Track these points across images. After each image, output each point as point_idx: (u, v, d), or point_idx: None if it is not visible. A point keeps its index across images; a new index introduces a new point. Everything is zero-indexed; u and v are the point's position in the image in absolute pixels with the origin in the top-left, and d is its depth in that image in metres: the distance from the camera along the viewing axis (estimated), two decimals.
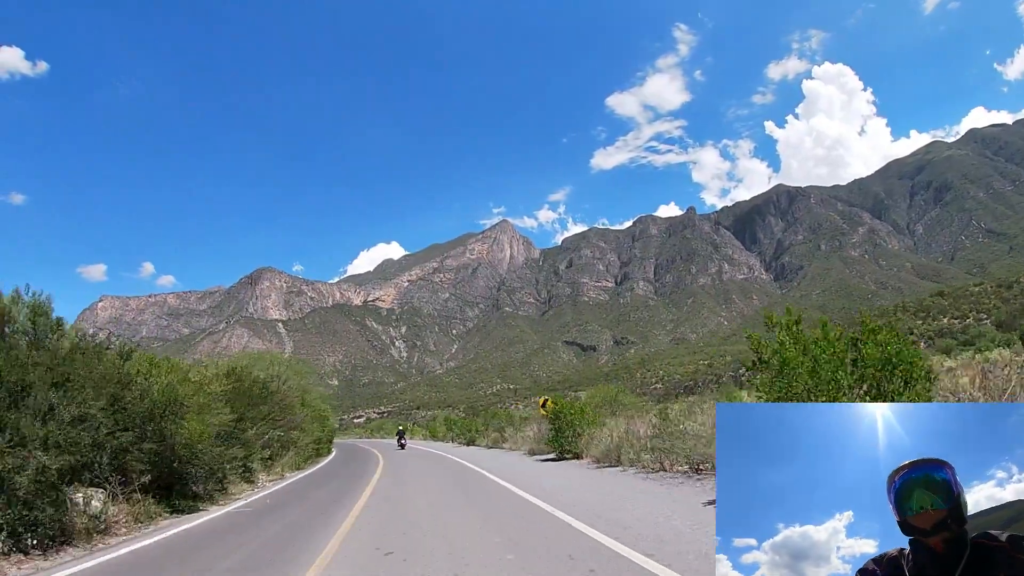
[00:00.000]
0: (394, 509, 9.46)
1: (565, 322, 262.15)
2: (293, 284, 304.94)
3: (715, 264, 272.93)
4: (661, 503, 7.84)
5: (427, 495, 11.10)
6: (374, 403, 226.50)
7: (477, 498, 10.36)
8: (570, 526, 6.63)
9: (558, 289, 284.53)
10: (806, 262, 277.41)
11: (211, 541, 7.49)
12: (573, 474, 12.79)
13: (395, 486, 13.20)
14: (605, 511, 7.45)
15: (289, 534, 7.56)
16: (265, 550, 6.68)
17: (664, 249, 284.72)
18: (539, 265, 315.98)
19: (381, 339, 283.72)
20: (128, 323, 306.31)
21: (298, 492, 13.50)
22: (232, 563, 6.06)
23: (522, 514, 7.94)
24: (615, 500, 8.48)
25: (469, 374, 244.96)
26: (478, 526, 7.32)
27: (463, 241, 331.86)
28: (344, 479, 16.38)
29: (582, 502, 8.38)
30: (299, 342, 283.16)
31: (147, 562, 6.40)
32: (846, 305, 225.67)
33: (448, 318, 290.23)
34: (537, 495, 9.51)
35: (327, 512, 9.36)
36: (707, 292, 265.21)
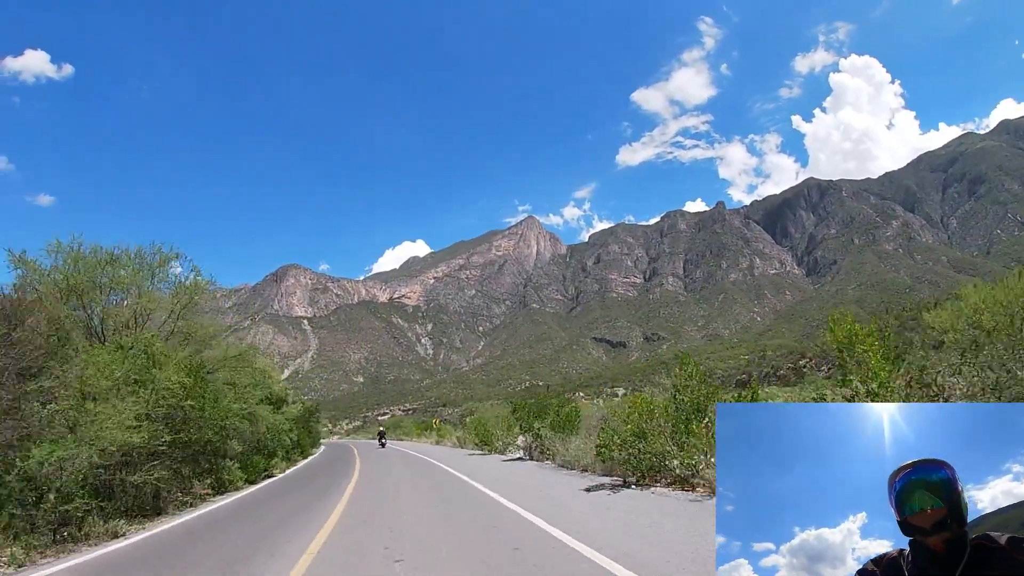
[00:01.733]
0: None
1: (593, 318, 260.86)
2: (318, 281, 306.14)
3: (746, 259, 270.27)
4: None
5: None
6: (399, 400, 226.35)
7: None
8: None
9: (586, 285, 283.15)
10: (839, 256, 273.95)
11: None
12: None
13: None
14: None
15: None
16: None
17: (693, 244, 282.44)
18: (566, 261, 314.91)
19: (407, 336, 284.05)
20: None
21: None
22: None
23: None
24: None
25: (496, 371, 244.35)
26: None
27: (489, 238, 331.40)
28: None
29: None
30: (324, 339, 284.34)
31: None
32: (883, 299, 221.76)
33: (474, 315, 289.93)
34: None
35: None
36: (738, 287, 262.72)
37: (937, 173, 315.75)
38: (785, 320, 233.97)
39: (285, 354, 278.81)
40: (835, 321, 9.51)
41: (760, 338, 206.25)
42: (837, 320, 9.47)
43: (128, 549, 7.93)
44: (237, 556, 6.85)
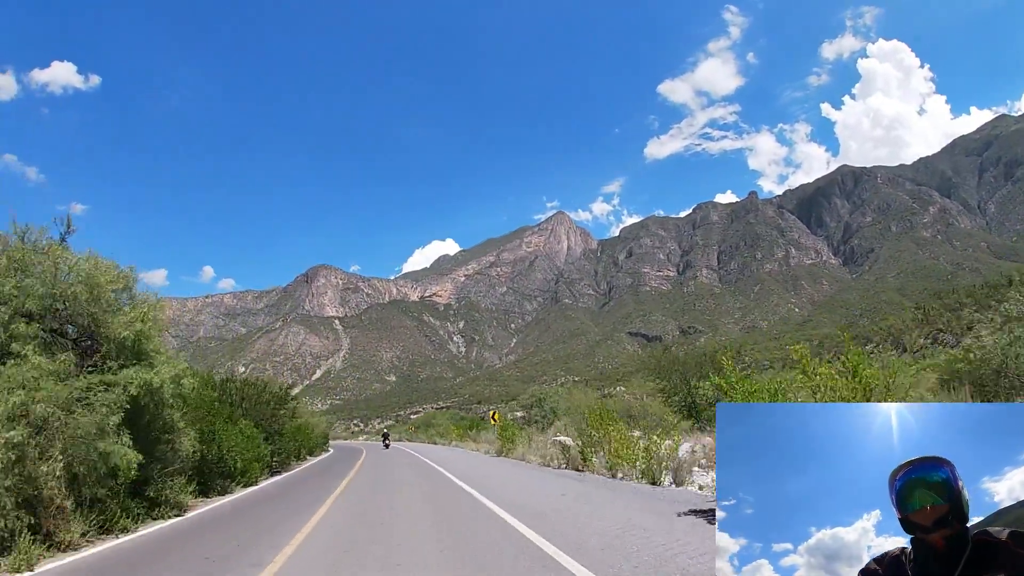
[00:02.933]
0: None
1: (627, 312, 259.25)
2: (349, 281, 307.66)
3: (781, 249, 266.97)
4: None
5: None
6: (432, 398, 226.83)
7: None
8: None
9: (618, 280, 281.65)
10: (876, 244, 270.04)
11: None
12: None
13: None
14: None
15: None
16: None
17: (727, 236, 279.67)
18: (597, 256, 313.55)
19: (439, 334, 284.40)
20: (186, 324, 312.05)
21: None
22: None
23: None
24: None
25: (530, 367, 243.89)
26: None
27: (519, 234, 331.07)
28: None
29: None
30: (356, 339, 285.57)
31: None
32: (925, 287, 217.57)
33: (506, 312, 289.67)
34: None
35: None
36: (774, 278, 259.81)
37: (972, 157, 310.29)
38: (826, 310, 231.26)
39: (317, 354, 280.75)
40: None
41: (801, 328, 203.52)
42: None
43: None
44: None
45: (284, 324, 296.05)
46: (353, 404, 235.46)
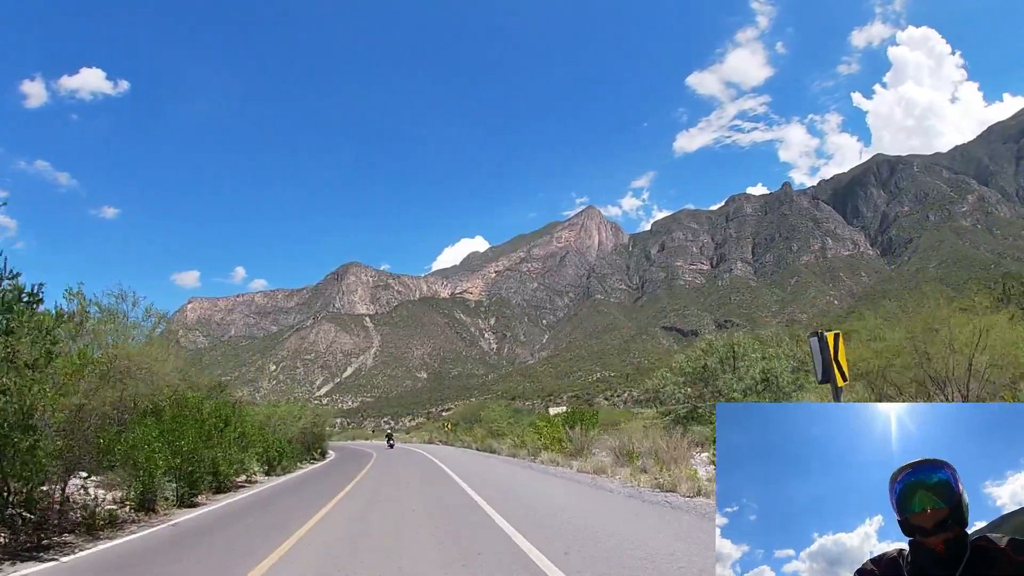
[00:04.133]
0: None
1: (661, 307, 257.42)
2: (379, 278, 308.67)
3: (817, 240, 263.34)
4: None
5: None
6: (464, 395, 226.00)
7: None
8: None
9: (651, 274, 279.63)
10: (915, 234, 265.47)
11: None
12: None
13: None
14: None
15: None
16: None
17: (761, 228, 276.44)
18: (629, 251, 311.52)
19: (470, 331, 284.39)
20: (217, 323, 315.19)
21: None
22: None
23: None
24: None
25: (564, 363, 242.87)
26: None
27: (549, 230, 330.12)
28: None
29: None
30: (387, 336, 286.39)
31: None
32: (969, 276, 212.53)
33: (537, 308, 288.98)
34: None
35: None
36: (811, 270, 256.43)
37: (1010, 144, 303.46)
38: (868, 301, 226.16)
39: (348, 352, 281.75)
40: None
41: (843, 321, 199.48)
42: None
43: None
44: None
45: (315, 322, 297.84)
46: (384, 401, 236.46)
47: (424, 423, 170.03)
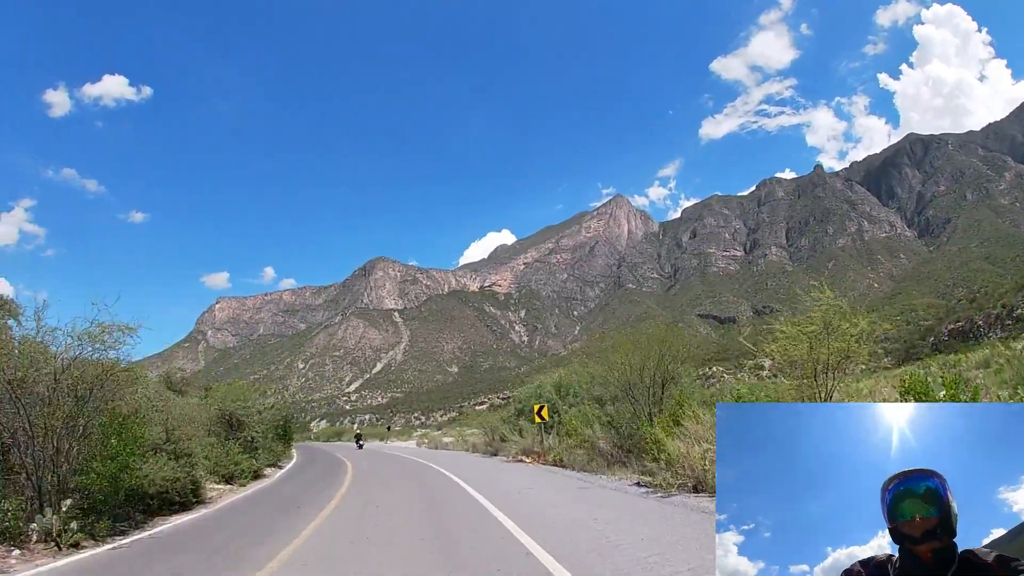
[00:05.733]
0: None
1: (695, 295, 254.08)
2: (407, 273, 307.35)
3: (853, 223, 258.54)
4: None
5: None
6: (496, 388, 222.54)
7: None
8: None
9: (683, 262, 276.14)
10: (953, 214, 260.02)
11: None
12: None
13: None
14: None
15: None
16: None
17: (794, 212, 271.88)
18: (659, 239, 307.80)
19: (500, 324, 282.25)
20: (246, 322, 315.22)
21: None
22: None
23: None
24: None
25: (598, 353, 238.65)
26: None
27: (577, 220, 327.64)
28: None
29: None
30: (416, 330, 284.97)
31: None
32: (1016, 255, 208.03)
33: (568, 299, 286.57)
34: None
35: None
36: (848, 254, 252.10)
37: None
38: (912, 282, 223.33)
39: (377, 347, 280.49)
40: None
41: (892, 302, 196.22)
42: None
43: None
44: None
45: (343, 318, 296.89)
46: (415, 397, 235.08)
47: (457, 418, 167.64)
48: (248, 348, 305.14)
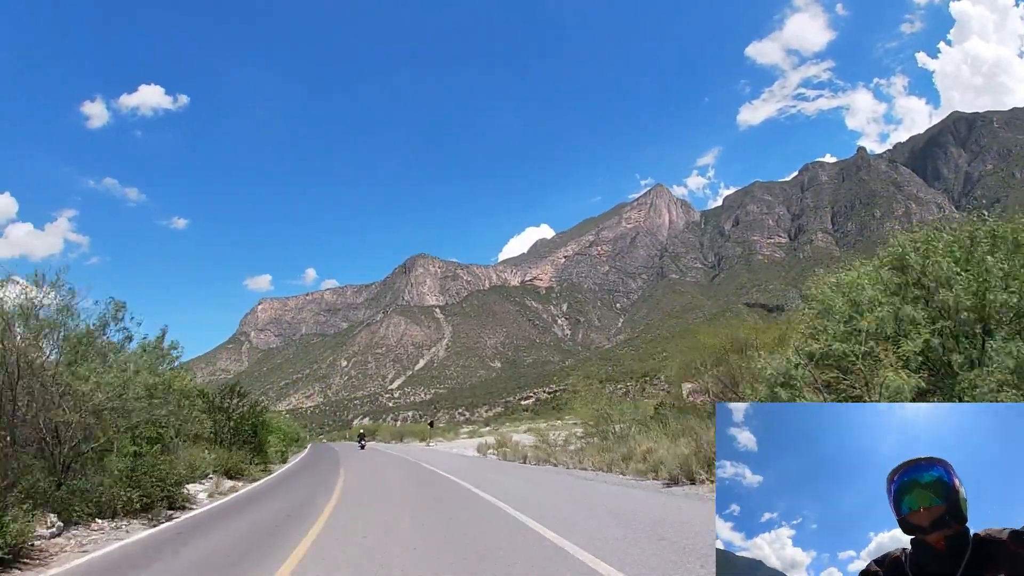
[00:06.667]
0: None
1: (740, 283, 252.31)
2: (447, 269, 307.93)
3: (900, 205, 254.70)
4: None
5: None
6: (541, 382, 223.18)
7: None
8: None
9: (727, 250, 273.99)
10: (1001, 194, 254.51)
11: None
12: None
13: None
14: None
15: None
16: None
17: (839, 196, 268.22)
18: (701, 228, 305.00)
19: (542, 318, 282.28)
20: (288, 322, 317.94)
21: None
22: None
23: None
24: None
25: (645, 344, 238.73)
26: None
27: (617, 211, 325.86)
28: None
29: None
30: (458, 326, 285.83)
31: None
32: None
33: (610, 291, 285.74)
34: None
35: None
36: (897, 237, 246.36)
37: None
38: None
39: (419, 344, 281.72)
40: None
41: None
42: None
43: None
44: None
45: (385, 316, 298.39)
46: (458, 392, 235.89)
47: (503, 413, 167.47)
48: (291, 348, 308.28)
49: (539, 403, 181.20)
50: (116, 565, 6.93)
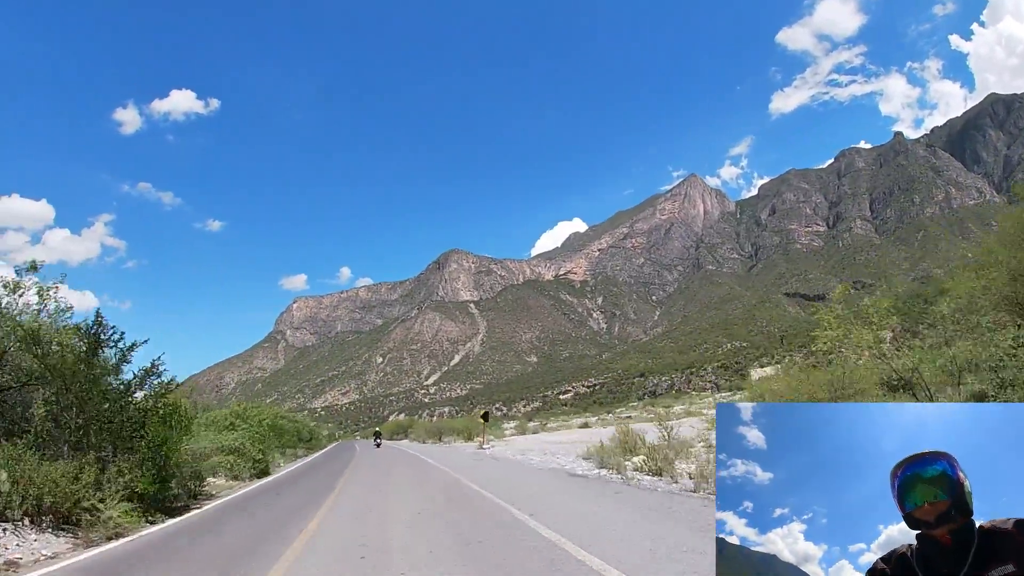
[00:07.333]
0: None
1: (779, 273, 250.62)
2: (481, 264, 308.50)
3: (940, 191, 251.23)
4: None
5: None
6: (578, 376, 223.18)
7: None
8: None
9: (764, 240, 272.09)
10: None
11: None
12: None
13: None
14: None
15: None
16: None
17: (877, 182, 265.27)
18: (737, 218, 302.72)
19: (577, 312, 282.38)
20: (323, 320, 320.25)
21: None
22: None
23: None
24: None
25: (684, 336, 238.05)
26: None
27: (651, 203, 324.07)
28: None
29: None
30: (493, 321, 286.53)
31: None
32: None
33: (645, 284, 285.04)
34: None
35: None
36: (938, 223, 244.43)
37: None
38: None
39: (454, 339, 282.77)
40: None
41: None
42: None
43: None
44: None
45: (419, 312, 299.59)
46: (494, 387, 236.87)
47: (540, 408, 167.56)
48: (326, 345, 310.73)
49: (578, 397, 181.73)
50: None
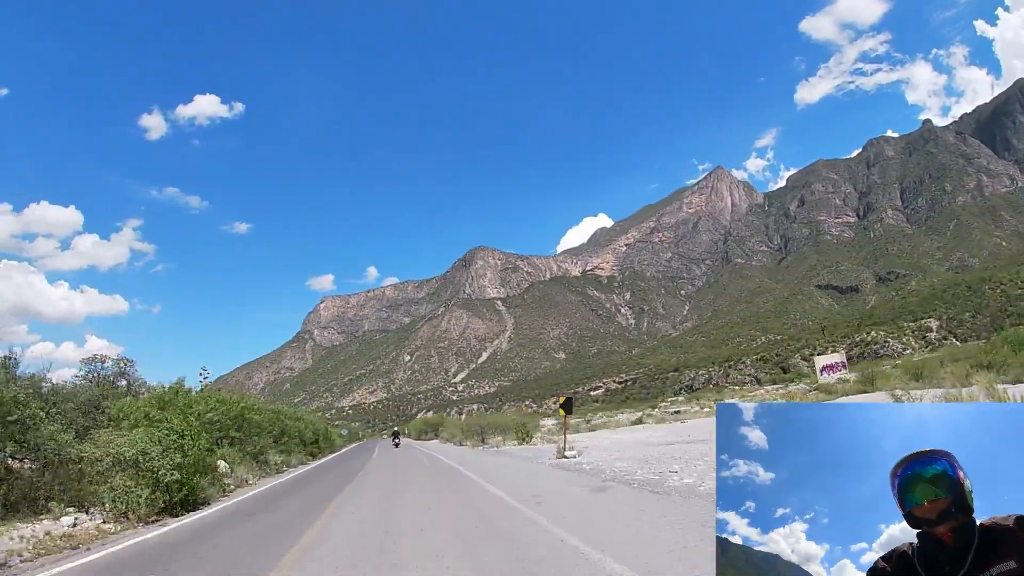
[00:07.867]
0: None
1: (810, 265, 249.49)
2: (507, 260, 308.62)
3: (972, 179, 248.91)
4: None
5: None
6: (609, 372, 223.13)
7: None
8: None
9: (793, 231, 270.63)
10: None
11: None
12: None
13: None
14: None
15: None
16: None
17: (907, 171, 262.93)
18: (765, 210, 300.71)
19: (605, 307, 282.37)
20: (350, 319, 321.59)
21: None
22: None
23: None
24: None
25: (715, 331, 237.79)
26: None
27: (677, 196, 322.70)
28: None
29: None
30: (520, 318, 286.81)
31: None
32: None
33: (673, 278, 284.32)
34: None
35: None
36: (970, 212, 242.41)
37: None
38: None
39: (482, 337, 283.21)
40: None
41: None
42: None
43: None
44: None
45: (446, 309, 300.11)
46: (523, 384, 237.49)
47: (579, 402, 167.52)
48: (354, 344, 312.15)
49: (609, 393, 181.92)
50: None
